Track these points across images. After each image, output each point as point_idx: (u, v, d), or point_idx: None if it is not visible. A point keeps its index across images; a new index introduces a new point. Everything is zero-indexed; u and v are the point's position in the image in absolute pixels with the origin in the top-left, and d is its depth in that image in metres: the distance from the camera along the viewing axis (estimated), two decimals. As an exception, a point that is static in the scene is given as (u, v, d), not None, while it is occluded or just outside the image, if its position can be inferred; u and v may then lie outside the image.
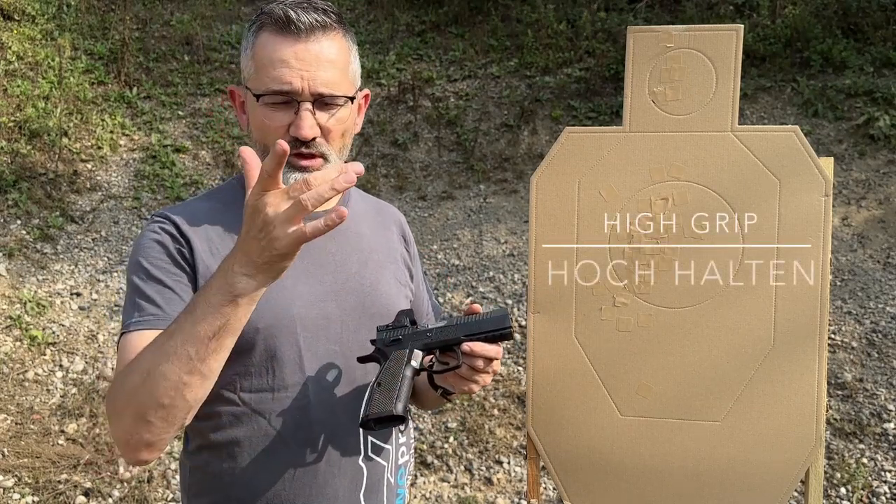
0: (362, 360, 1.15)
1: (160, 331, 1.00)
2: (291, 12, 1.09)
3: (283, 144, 0.85)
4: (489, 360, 1.12)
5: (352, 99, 1.15)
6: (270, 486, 1.14)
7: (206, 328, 0.92)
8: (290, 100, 1.09)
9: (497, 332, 1.11)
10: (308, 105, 1.09)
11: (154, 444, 0.99)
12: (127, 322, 1.08)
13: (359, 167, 0.90)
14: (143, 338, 1.04)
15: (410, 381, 1.09)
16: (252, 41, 1.13)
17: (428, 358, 1.15)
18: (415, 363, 1.11)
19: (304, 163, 1.11)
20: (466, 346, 1.10)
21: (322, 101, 1.11)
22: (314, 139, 1.11)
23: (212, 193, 1.24)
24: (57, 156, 4.95)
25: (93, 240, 4.55)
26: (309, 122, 1.09)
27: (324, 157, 1.13)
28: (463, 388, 1.15)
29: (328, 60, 1.10)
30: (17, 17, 5.94)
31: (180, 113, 5.68)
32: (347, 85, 1.14)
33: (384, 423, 1.06)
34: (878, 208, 4.74)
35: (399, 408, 1.04)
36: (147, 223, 1.17)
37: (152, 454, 1.01)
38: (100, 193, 4.89)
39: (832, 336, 3.90)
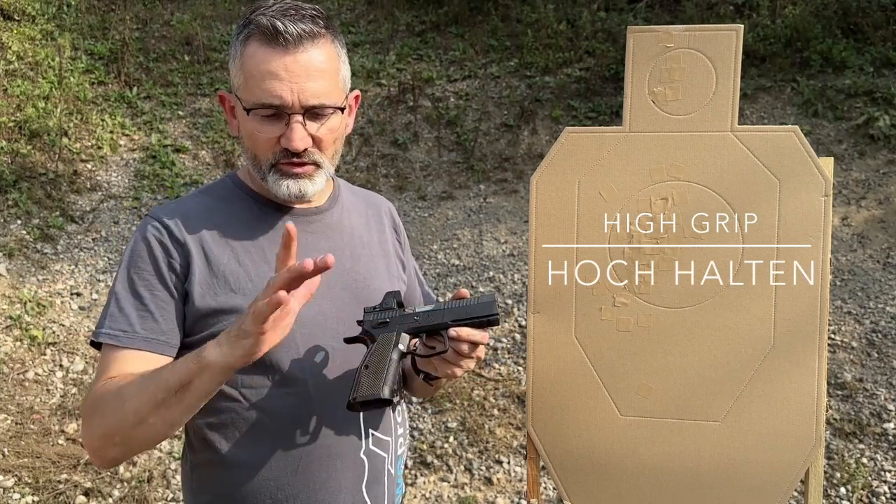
0: (349, 340, 1.15)
1: (128, 349, 1.10)
2: (279, 23, 1.06)
3: (292, 227, 0.96)
4: (474, 344, 1.12)
5: (342, 109, 1.15)
6: (273, 482, 1.15)
7: (173, 380, 1.01)
8: (280, 112, 1.09)
9: (484, 318, 1.11)
10: (298, 117, 1.09)
11: (117, 459, 1.09)
12: (99, 328, 1.13)
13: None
14: (115, 356, 1.11)
15: (398, 365, 1.10)
16: (240, 50, 1.10)
17: (413, 341, 1.16)
18: (402, 346, 1.12)
19: (297, 170, 1.13)
20: (453, 330, 1.11)
21: (313, 112, 1.10)
22: (305, 149, 1.12)
23: (205, 190, 1.25)
24: (57, 156, 4.95)
25: (93, 240, 4.55)
26: (300, 135, 1.10)
27: (316, 164, 1.14)
28: (446, 372, 1.15)
29: (318, 70, 1.09)
30: (17, 17, 5.94)
31: (180, 113, 5.68)
32: (337, 93, 1.14)
33: (371, 406, 1.06)
34: (878, 208, 4.74)
35: (386, 391, 1.05)
36: (140, 226, 1.17)
37: (113, 465, 1.12)
38: (100, 193, 4.89)
39: (832, 336, 3.90)
